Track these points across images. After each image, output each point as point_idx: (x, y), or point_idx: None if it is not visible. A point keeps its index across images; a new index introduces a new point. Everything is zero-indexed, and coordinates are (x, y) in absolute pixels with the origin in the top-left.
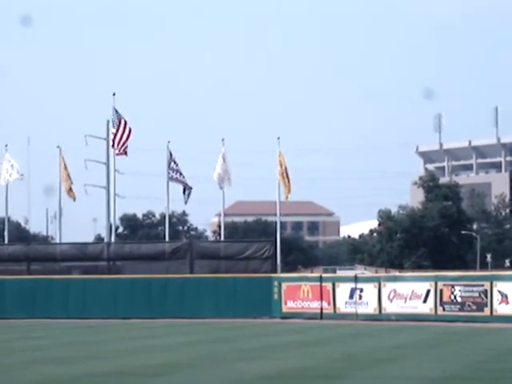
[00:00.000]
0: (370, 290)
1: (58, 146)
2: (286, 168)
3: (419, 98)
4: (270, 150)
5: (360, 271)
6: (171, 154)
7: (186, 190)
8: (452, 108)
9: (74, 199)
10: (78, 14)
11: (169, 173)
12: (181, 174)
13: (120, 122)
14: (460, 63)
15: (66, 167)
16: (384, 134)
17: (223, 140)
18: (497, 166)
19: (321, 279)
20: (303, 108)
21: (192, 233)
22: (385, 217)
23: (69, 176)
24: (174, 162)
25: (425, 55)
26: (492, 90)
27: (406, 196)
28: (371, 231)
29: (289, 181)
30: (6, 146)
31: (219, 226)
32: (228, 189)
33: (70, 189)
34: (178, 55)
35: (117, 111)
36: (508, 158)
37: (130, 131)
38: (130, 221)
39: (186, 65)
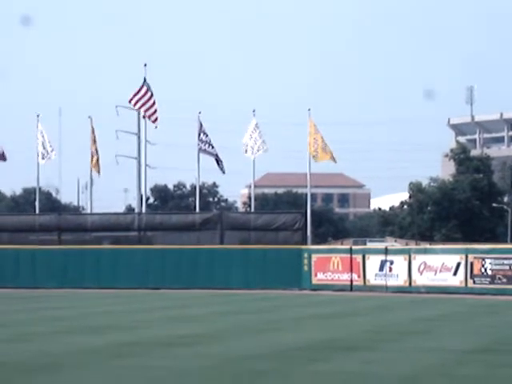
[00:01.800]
0: (400, 262)
1: (89, 117)
2: (318, 137)
3: (452, 69)
4: (300, 122)
5: (390, 243)
6: (201, 125)
7: (219, 161)
8: (484, 80)
9: (99, 173)
10: None
11: (198, 144)
12: (210, 145)
13: (143, 90)
14: (494, 36)
15: (95, 140)
16: (415, 107)
17: (254, 111)
18: None
19: (351, 251)
20: (334, 79)
21: (222, 204)
22: (415, 189)
23: (96, 150)
24: (204, 133)
25: (461, 26)
26: None
27: (436, 168)
28: (402, 203)
29: (326, 146)
30: (38, 116)
31: (249, 198)
32: (259, 158)
33: (97, 162)
34: (209, 25)
35: (145, 82)
36: None
37: (152, 101)
38: (160, 191)
39: (217, 35)
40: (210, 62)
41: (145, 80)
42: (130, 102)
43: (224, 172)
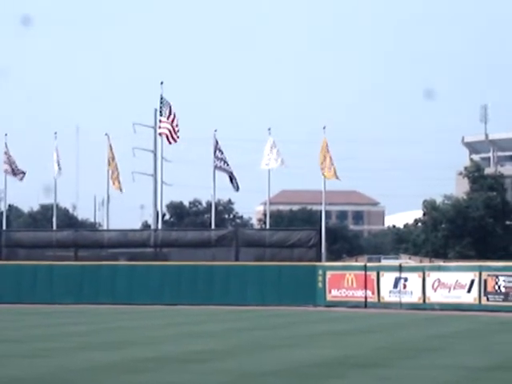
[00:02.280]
0: (414, 279)
1: (106, 134)
2: (327, 154)
3: (466, 87)
4: (316, 140)
5: (404, 260)
6: (217, 143)
7: (232, 178)
8: (498, 99)
9: (121, 190)
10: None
11: (214, 161)
12: (226, 162)
13: (170, 112)
14: (508, 54)
15: (113, 157)
16: (430, 125)
17: (269, 129)
18: None
19: (365, 268)
20: (350, 97)
21: (237, 221)
22: (430, 207)
23: (116, 167)
24: (220, 151)
25: (475, 45)
26: None
27: (451, 186)
28: (416, 221)
29: (332, 163)
30: (56, 133)
31: (264, 215)
32: (275, 176)
33: (117, 178)
34: (226, 42)
35: (163, 99)
36: None
37: (175, 117)
38: (176, 208)
39: (234, 54)
40: (226, 80)
41: (162, 98)
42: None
43: (237, 190)
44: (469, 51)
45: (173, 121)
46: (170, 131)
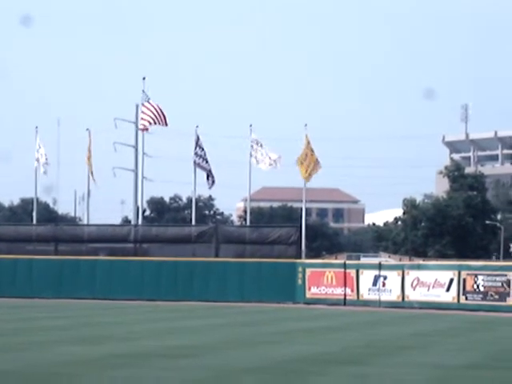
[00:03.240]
0: (393, 277)
1: (87, 129)
2: (311, 152)
3: (447, 87)
4: (297, 138)
5: (384, 259)
6: (198, 139)
7: (209, 176)
8: (479, 98)
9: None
10: None
11: (193, 158)
12: (204, 159)
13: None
14: (489, 55)
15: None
16: (411, 124)
17: (251, 126)
18: None
19: (345, 266)
20: (330, 95)
21: (218, 217)
22: (410, 205)
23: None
24: (200, 147)
25: (456, 45)
26: None
27: (431, 185)
28: (396, 219)
29: (315, 163)
30: (37, 127)
31: (245, 211)
32: (255, 172)
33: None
34: (208, 37)
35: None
36: None
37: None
38: (157, 204)
39: (215, 49)
40: (208, 76)
41: (143, 93)
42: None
43: (210, 188)
44: (451, 51)
45: (156, 109)
46: (155, 116)
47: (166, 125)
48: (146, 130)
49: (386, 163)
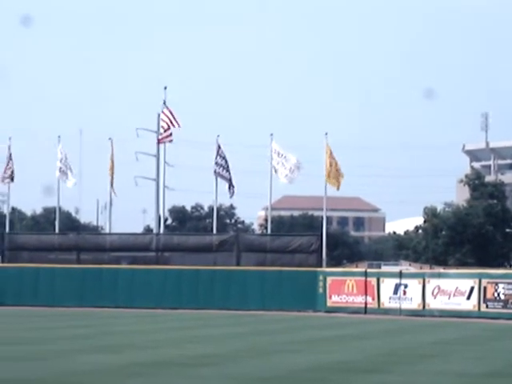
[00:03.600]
0: (414, 285)
1: (109, 138)
2: (335, 161)
3: (467, 95)
4: (318, 146)
5: (405, 267)
6: (219, 148)
7: (230, 186)
8: (499, 107)
9: (114, 193)
10: (133, 4)
11: (214, 167)
12: (225, 169)
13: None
14: (509, 63)
15: (113, 163)
16: (431, 132)
17: (272, 135)
18: None
19: (366, 274)
20: (351, 104)
21: (239, 226)
22: (430, 214)
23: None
24: (221, 157)
25: (476, 54)
26: None
27: (451, 194)
28: (416, 228)
29: (338, 171)
30: (59, 137)
31: (266, 220)
32: (276, 181)
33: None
34: (230, 48)
35: (165, 104)
36: None
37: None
38: (178, 213)
39: (237, 59)
40: (230, 86)
41: (164, 103)
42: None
43: (231, 197)
44: (470, 59)
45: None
46: (170, 120)
47: (179, 126)
48: (167, 139)
49: (407, 172)
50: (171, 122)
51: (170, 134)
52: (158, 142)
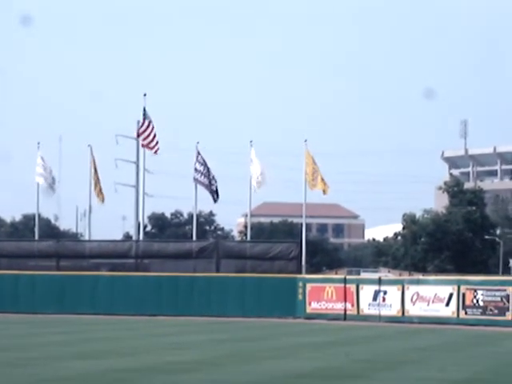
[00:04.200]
0: (393, 292)
1: (89, 145)
2: (316, 167)
3: (446, 102)
4: (296, 153)
5: (384, 274)
6: (198, 155)
7: (211, 192)
8: (478, 114)
9: (103, 201)
10: (112, 12)
11: (194, 174)
12: (203, 175)
13: (146, 123)
14: (488, 71)
15: (96, 169)
16: (410, 139)
17: (251, 141)
18: None
19: (345, 281)
20: (329, 111)
21: (219, 232)
22: (409, 220)
23: (98, 178)
24: (200, 163)
25: (455, 61)
26: None
27: (430, 200)
28: (395, 234)
29: (322, 178)
30: (39, 143)
31: (245, 227)
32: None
33: (100, 190)
34: (208, 53)
35: (145, 112)
36: None
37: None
38: (158, 219)
39: (217, 64)
40: (209, 92)
41: (144, 110)
42: (137, 137)
43: (215, 201)
44: (451, 66)
45: (150, 132)
46: (148, 142)
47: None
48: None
49: (386, 179)
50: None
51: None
52: (142, 145)
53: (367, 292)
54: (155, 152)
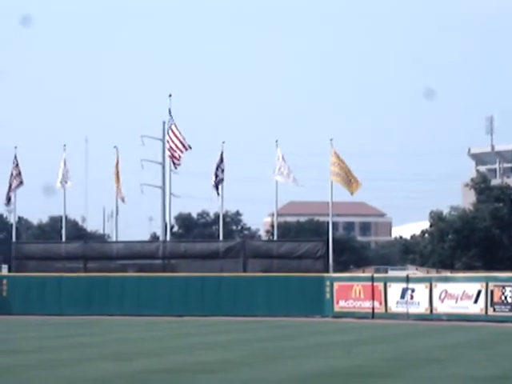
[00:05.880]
0: (421, 290)
1: (115, 147)
2: (346, 166)
3: (472, 99)
4: (323, 152)
5: (411, 271)
6: (222, 155)
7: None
8: (504, 110)
9: (123, 201)
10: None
11: (217, 173)
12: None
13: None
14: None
15: (118, 171)
16: (436, 137)
17: (277, 141)
18: None
19: (372, 279)
20: (356, 110)
21: (245, 232)
22: (436, 218)
23: (119, 179)
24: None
25: (478, 56)
26: None
27: (457, 197)
28: (423, 232)
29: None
30: (65, 145)
31: (272, 226)
32: (282, 187)
33: (120, 191)
34: (233, 55)
35: (171, 117)
36: None
37: (183, 144)
38: (184, 220)
39: (241, 66)
40: (234, 92)
41: (169, 111)
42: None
43: (218, 194)
44: (474, 62)
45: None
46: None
47: (190, 148)
48: (176, 162)
49: (413, 176)
50: (180, 147)
51: (179, 158)
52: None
53: (395, 290)
54: (175, 167)
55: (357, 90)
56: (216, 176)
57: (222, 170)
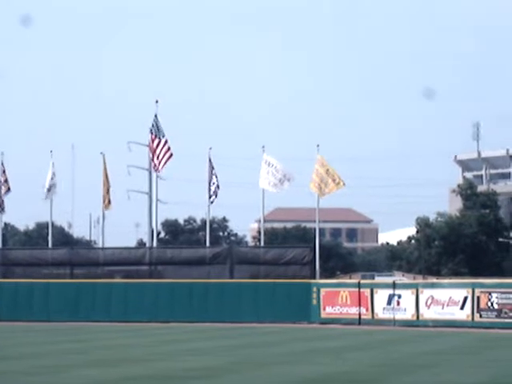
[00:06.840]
0: (407, 296)
1: (101, 153)
2: (329, 169)
3: (458, 105)
4: (310, 158)
5: (398, 278)
6: (210, 161)
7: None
8: (490, 116)
9: (107, 207)
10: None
11: (212, 179)
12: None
13: (157, 140)
14: (501, 73)
15: (107, 177)
16: (422, 143)
17: (263, 147)
18: None
19: (359, 285)
20: (342, 116)
21: (232, 238)
22: (423, 224)
23: (106, 186)
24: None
25: (465, 63)
26: None
27: (444, 204)
28: (409, 238)
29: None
30: (51, 151)
31: (259, 232)
32: (269, 193)
33: (108, 200)
34: (220, 60)
35: (157, 126)
36: None
37: (168, 151)
38: (171, 226)
39: (228, 72)
40: (220, 99)
41: (156, 116)
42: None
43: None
44: (460, 69)
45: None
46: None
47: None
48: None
49: (399, 182)
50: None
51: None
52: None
53: (381, 296)
54: (156, 170)
55: (343, 96)
56: (213, 183)
57: (216, 176)
